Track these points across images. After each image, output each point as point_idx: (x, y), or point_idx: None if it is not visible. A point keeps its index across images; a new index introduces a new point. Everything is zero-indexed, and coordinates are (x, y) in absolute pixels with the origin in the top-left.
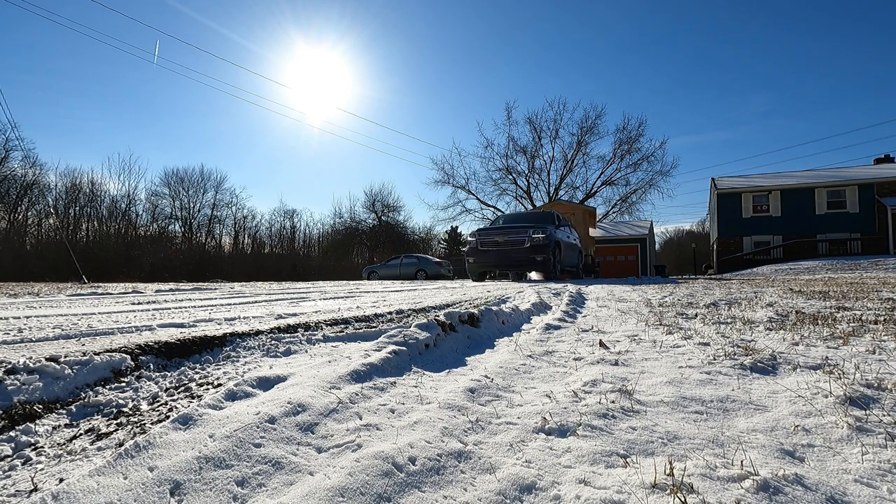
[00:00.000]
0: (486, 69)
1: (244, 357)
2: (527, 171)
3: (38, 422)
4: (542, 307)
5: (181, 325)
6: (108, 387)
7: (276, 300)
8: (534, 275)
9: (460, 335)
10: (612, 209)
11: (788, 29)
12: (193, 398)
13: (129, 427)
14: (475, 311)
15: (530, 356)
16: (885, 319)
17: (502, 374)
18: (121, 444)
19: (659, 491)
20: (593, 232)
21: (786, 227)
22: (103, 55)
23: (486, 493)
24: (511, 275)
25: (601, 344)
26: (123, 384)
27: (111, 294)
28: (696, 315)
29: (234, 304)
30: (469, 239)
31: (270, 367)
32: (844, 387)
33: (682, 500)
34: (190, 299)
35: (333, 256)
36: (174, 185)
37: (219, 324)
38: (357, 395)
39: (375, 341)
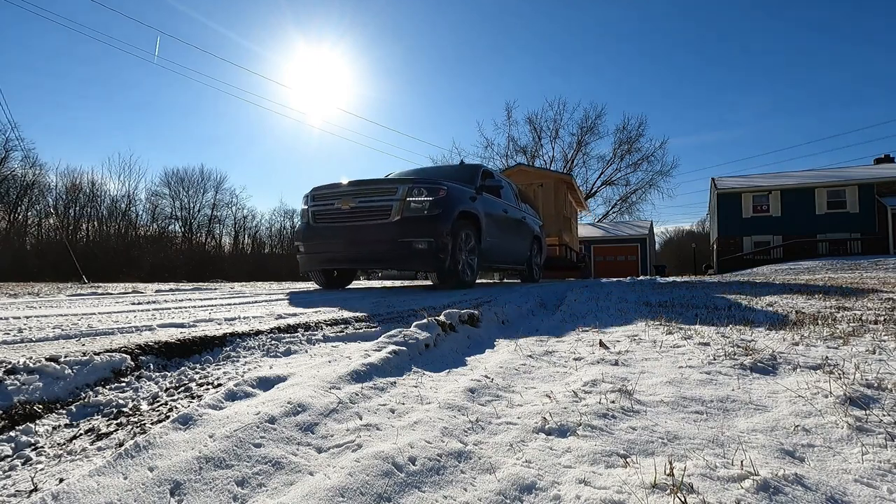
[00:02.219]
0: (486, 69)
1: (244, 357)
2: None
3: (38, 422)
4: (543, 308)
5: (181, 325)
6: (108, 387)
7: (276, 300)
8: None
9: (460, 335)
10: (612, 209)
11: (788, 28)
12: (193, 398)
13: (129, 427)
14: (475, 311)
15: (530, 356)
16: (885, 319)
17: (502, 374)
18: (121, 444)
19: (659, 491)
20: (588, 230)
21: (786, 227)
22: (103, 55)
23: (486, 493)
24: (419, 275)
25: (601, 344)
26: (123, 384)
27: (111, 294)
28: (696, 315)
29: (234, 304)
30: (301, 207)
31: (270, 367)
32: (844, 387)
33: (682, 500)
34: (190, 299)
35: None
36: (174, 185)
37: (219, 324)
38: (357, 395)
39: (375, 341)
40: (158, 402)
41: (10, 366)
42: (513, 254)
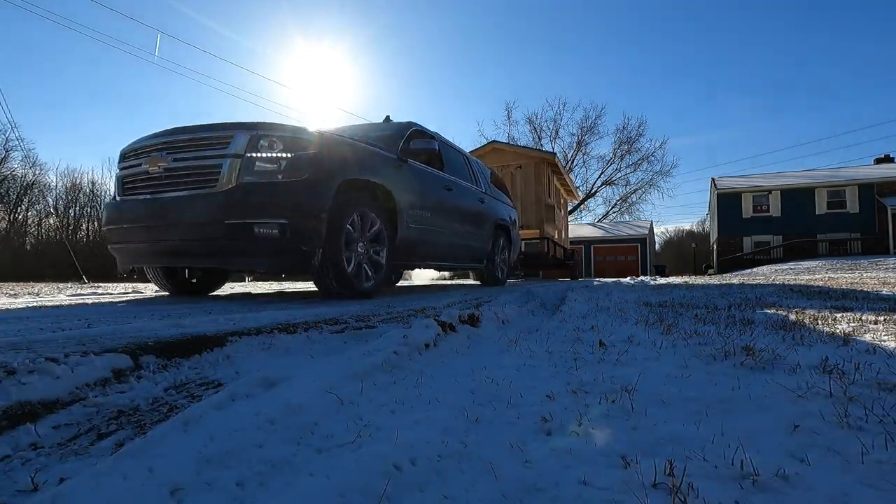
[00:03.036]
0: (486, 68)
1: (244, 357)
2: None
3: (38, 422)
4: (543, 308)
5: (181, 325)
6: (108, 387)
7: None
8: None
9: (460, 335)
10: (612, 209)
11: (789, 28)
12: (193, 398)
13: (130, 427)
14: (475, 310)
15: (531, 356)
16: (885, 319)
17: (503, 375)
18: (121, 445)
19: (659, 491)
20: (588, 230)
21: (786, 227)
22: (103, 55)
23: (486, 493)
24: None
25: (601, 344)
26: (123, 384)
27: (111, 294)
28: (696, 315)
29: (233, 303)
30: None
31: (271, 367)
32: (844, 387)
33: (682, 500)
34: (190, 299)
35: None
36: None
37: (219, 323)
38: (357, 394)
39: (375, 341)
40: (158, 402)
41: (9, 366)
42: (461, 248)
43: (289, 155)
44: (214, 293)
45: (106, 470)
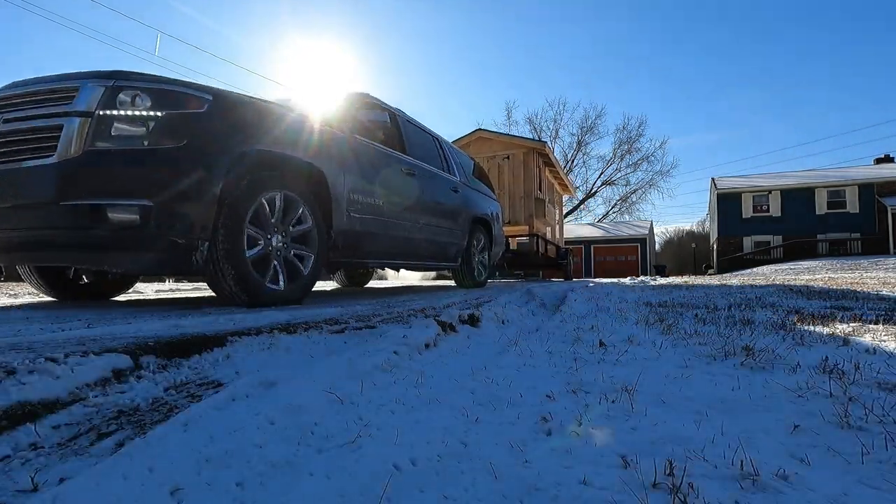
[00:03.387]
0: (486, 67)
1: (244, 356)
2: None
3: (38, 422)
4: (543, 308)
5: (181, 325)
6: (108, 387)
7: None
8: None
9: (460, 335)
10: (612, 209)
11: (789, 28)
12: (193, 398)
13: (130, 427)
14: (475, 311)
15: (531, 356)
16: (885, 319)
17: (503, 375)
18: (121, 445)
19: (659, 491)
20: (588, 230)
21: (786, 227)
22: (103, 55)
23: (486, 493)
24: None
25: (601, 344)
26: (123, 384)
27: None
28: (696, 315)
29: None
30: None
31: (271, 367)
32: (844, 387)
33: (682, 500)
34: (189, 299)
35: None
36: None
37: (219, 323)
38: (357, 394)
39: (376, 341)
40: (158, 402)
41: (9, 366)
42: (426, 244)
43: (160, 114)
44: (118, 297)
45: (106, 470)
